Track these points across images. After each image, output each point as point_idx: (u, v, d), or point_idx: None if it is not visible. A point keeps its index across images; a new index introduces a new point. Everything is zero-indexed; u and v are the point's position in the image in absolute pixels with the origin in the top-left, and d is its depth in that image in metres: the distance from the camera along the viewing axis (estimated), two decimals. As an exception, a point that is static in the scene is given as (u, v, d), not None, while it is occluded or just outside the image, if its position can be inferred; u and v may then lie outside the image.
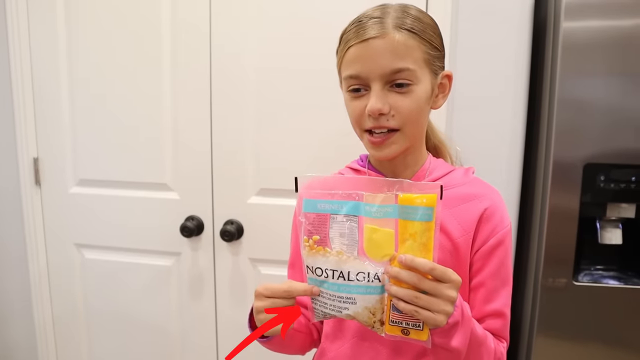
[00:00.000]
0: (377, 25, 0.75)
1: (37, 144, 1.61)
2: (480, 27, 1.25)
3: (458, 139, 1.28)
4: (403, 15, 0.77)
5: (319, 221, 0.69)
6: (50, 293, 1.69)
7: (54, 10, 1.51)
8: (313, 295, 0.69)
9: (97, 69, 1.50)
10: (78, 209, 1.60)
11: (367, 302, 0.67)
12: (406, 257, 0.63)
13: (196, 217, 1.49)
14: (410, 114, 0.77)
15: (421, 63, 0.77)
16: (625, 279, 1.21)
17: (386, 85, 0.76)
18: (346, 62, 0.79)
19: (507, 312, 0.82)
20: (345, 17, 0.82)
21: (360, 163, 0.92)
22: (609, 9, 1.10)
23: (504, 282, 0.82)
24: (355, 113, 0.80)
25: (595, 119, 1.14)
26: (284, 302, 0.71)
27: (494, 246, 0.81)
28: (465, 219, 0.82)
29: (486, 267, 0.82)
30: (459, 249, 0.81)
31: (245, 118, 1.42)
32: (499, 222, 0.82)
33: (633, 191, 1.15)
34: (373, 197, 0.66)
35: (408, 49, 0.75)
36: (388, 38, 0.75)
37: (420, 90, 0.78)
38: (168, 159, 1.50)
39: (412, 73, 0.76)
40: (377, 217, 0.66)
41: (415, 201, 0.63)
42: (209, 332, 1.56)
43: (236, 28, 1.38)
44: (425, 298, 0.63)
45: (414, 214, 0.63)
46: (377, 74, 0.75)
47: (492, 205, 0.82)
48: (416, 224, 0.64)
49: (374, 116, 0.76)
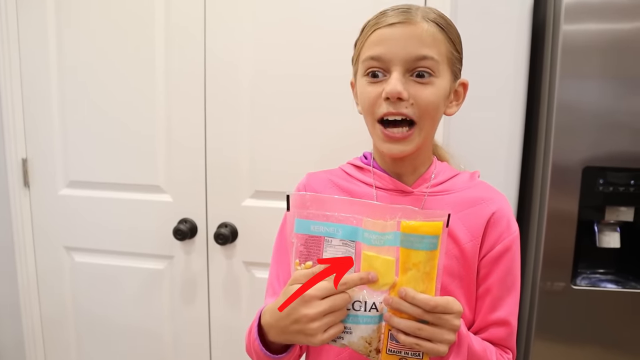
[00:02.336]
0: (405, 14, 0.74)
1: (26, 145, 1.57)
2: (479, 29, 1.24)
3: (456, 142, 1.27)
4: (430, 11, 0.76)
5: (312, 243, 0.65)
6: (39, 296, 1.65)
7: (44, 9, 1.47)
8: (370, 281, 0.62)
9: (89, 69, 1.47)
10: (68, 211, 1.57)
11: (364, 331, 0.64)
12: (407, 293, 0.60)
13: (189, 220, 1.46)
14: (429, 106, 0.75)
15: (444, 58, 0.75)
16: (623, 282, 1.21)
17: (407, 73, 0.74)
18: (368, 44, 0.76)
19: (512, 321, 0.80)
20: (340, 23, 0.80)
21: (364, 161, 0.89)
22: (609, 12, 1.10)
23: (510, 290, 0.81)
24: (371, 98, 0.76)
25: (594, 122, 1.13)
26: (340, 302, 0.62)
27: (501, 253, 0.80)
28: (473, 223, 0.80)
29: (492, 275, 0.80)
30: (467, 255, 0.79)
31: (239, 120, 1.39)
32: (506, 228, 0.80)
33: (632, 195, 1.15)
34: (373, 224, 0.62)
35: (435, 40, 0.74)
36: (417, 26, 0.73)
37: (441, 85, 0.76)
38: (161, 160, 1.47)
39: (435, 64, 0.74)
40: (376, 244, 0.62)
41: (420, 229, 0.60)
42: (202, 336, 1.53)
43: (230, 31, 1.36)
44: (428, 329, 0.61)
45: (419, 243, 0.60)
46: (400, 58, 0.73)
47: (499, 210, 0.81)
48: (420, 254, 0.60)
49: (393, 99, 0.73)
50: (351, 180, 0.87)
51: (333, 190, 0.87)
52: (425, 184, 0.83)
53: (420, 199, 0.82)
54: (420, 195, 0.82)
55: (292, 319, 0.62)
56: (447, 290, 0.78)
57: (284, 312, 0.63)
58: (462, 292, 0.80)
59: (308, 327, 0.61)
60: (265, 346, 0.71)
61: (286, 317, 0.63)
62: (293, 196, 0.66)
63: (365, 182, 0.85)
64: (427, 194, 0.82)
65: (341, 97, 0.88)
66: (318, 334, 0.61)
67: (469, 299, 0.81)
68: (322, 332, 0.62)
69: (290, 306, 0.62)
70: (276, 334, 0.67)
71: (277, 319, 0.65)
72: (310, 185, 0.89)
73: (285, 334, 0.65)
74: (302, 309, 0.61)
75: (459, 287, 0.79)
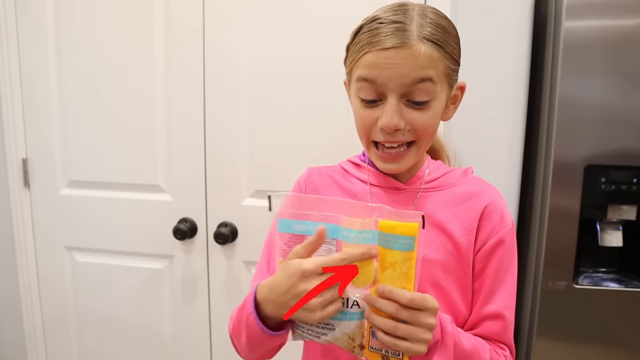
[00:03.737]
0: (400, 33, 0.69)
1: (26, 145, 1.57)
2: (480, 26, 1.23)
3: (458, 140, 1.26)
4: (426, 23, 0.71)
5: (294, 242, 0.66)
6: (40, 296, 1.66)
7: (43, 9, 1.47)
8: (372, 257, 0.62)
9: (88, 69, 1.47)
10: (68, 211, 1.57)
11: (346, 328, 0.66)
12: (384, 288, 0.62)
13: (189, 220, 1.46)
14: (427, 130, 0.74)
15: (442, 76, 0.73)
16: (625, 281, 1.20)
17: (403, 98, 0.71)
18: (361, 65, 0.72)
19: (506, 314, 0.79)
20: (339, 22, 0.79)
21: (362, 158, 0.89)
22: (610, 8, 1.09)
23: (502, 283, 0.80)
24: (366, 124, 0.75)
25: (596, 120, 1.12)
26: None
27: (494, 246, 0.79)
28: (467, 217, 0.80)
29: (486, 269, 0.80)
30: (461, 250, 0.79)
31: (239, 120, 1.39)
32: (498, 222, 0.80)
33: (634, 193, 1.14)
34: (351, 222, 0.63)
35: (432, 62, 0.70)
36: (412, 50, 0.69)
37: (437, 105, 0.74)
38: (161, 160, 1.46)
39: (432, 85, 0.71)
40: (355, 242, 0.63)
41: (395, 229, 0.60)
42: (203, 335, 1.53)
43: (230, 30, 1.36)
44: (404, 328, 0.62)
45: (394, 243, 0.61)
46: (396, 83, 0.70)
47: (492, 203, 0.80)
48: (396, 253, 0.61)
49: (389, 132, 0.72)
50: (347, 177, 0.88)
51: (331, 186, 0.88)
52: (419, 181, 0.83)
53: (414, 195, 0.82)
54: (414, 192, 0.82)
55: (292, 294, 0.62)
56: (441, 286, 0.78)
57: (283, 288, 0.63)
58: (456, 288, 0.79)
59: (308, 303, 0.62)
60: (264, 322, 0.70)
61: (286, 292, 0.63)
62: (274, 196, 0.66)
63: (360, 179, 0.86)
64: (420, 190, 0.82)
65: (341, 96, 0.87)
66: (317, 310, 0.62)
67: (464, 294, 0.80)
68: (322, 308, 0.62)
69: (290, 282, 0.62)
70: (274, 309, 0.67)
71: (277, 294, 0.65)
72: (311, 180, 0.90)
73: (284, 309, 0.65)
74: (302, 284, 0.62)
75: (453, 282, 0.79)
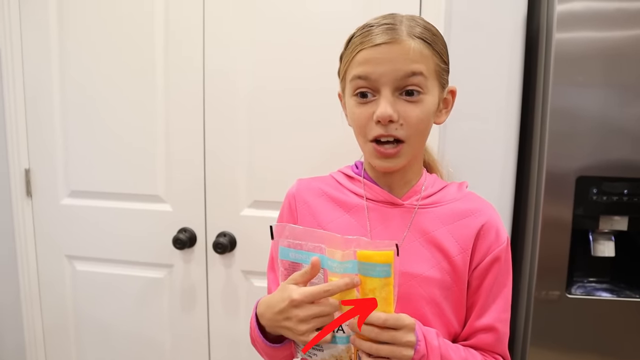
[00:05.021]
0: (391, 31, 0.73)
1: (29, 155, 1.59)
2: (473, 39, 1.26)
3: (452, 151, 1.28)
4: (415, 24, 0.75)
5: (293, 268, 0.71)
6: (40, 305, 1.67)
7: (46, 21, 1.50)
8: (355, 286, 0.67)
9: (90, 82, 1.50)
10: (69, 221, 1.59)
11: (334, 350, 0.71)
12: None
13: (189, 229, 1.48)
14: (419, 124, 0.76)
15: (432, 73, 0.75)
16: (618, 291, 1.21)
17: (396, 92, 0.74)
18: (355, 64, 0.76)
19: (499, 327, 0.81)
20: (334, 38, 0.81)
21: (356, 170, 0.89)
22: (601, 21, 1.10)
23: (496, 297, 0.81)
24: (361, 120, 0.77)
25: (587, 131, 1.14)
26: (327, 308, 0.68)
27: (490, 264, 0.81)
28: (462, 235, 0.81)
29: (482, 285, 0.81)
30: (457, 268, 0.80)
31: (237, 132, 1.41)
32: (494, 240, 0.81)
33: (625, 204, 1.15)
34: (333, 253, 0.68)
35: (422, 57, 0.74)
36: (403, 45, 0.73)
37: (429, 101, 0.76)
38: (161, 170, 1.49)
39: (424, 80, 0.74)
40: (338, 272, 0.68)
41: (372, 258, 0.65)
42: (202, 344, 1.54)
43: (229, 46, 1.38)
44: (385, 349, 0.65)
45: (372, 271, 0.65)
46: (389, 78, 0.73)
47: (488, 221, 0.82)
48: (375, 280, 0.65)
49: (384, 122, 0.74)
50: (341, 190, 0.88)
51: (322, 199, 0.88)
52: (416, 196, 0.84)
53: (411, 211, 0.83)
54: (411, 208, 0.83)
55: (284, 316, 0.69)
56: (436, 302, 0.79)
57: (277, 309, 0.69)
58: (451, 304, 0.81)
59: (297, 327, 0.67)
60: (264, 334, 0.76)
61: (279, 312, 0.69)
62: (275, 227, 0.72)
63: (355, 193, 0.86)
64: (417, 206, 0.83)
65: (335, 109, 0.89)
66: (305, 334, 0.67)
67: (458, 310, 0.82)
68: (310, 333, 0.68)
69: (283, 305, 0.68)
70: (268, 325, 0.73)
71: (272, 313, 0.71)
72: (300, 193, 0.90)
73: (276, 328, 0.72)
74: (292, 310, 0.67)
75: (448, 299, 0.80)
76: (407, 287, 0.79)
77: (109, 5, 1.45)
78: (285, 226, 0.72)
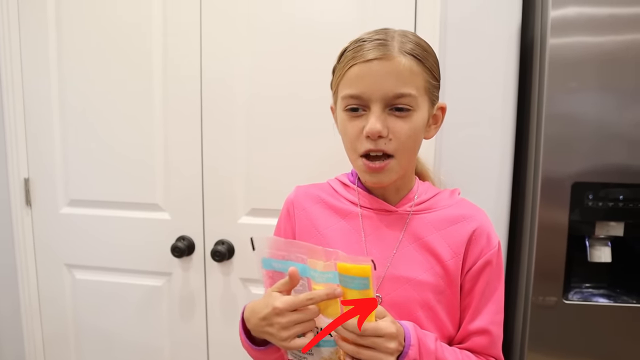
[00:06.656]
0: (382, 47, 0.74)
1: (28, 165, 1.60)
2: (469, 47, 1.26)
3: (449, 158, 1.29)
4: (407, 40, 0.76)
5: (276, 277, 0.73)
6: (40, 314, 1.68)
7: (45, 29, 1.51)
8: (336, 297, 0.69)
9: (89, 91, 1.51)
10: (69, 230, 1.60)
11: (323, 353, 0.74)
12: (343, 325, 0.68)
13: (187, 238, 1.48)
14: (407, 140, 0.77)
15: (422, 91, 0.77)
16: (614, 297, 1.21)
17: (386, 108, 0.75)
18: (346, 81, 0.77)
19: (493, 329, 0.82)
20: (332, 47, 0.82)
21: (351, 178, 0.91)
22: (594, 26, 1.11)
23: (488, 300, 0.83)
24: (352, 134, 0.78)
25: (582, 137, 1.14)
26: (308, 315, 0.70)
27: (482, 267, 0.82)
28: (455, 240, 0.82)
29: (474, 289, 0.83)
30: (449, 272, 0.81)
31: (235, 140, 1.42)
32: (486, 244, 0.83)
33: (621, 210, 1.16)
34: (315, 264, 0.70)
35: (412, 75, 0.75)
36: (394, 61, 0.74)
37: (419, 117, 0.77)
38: (159, 179, 1.50)
39: (413, 99, 0.75)
40: (319, 281, 0.70)
41: (351, 271, 0.66)
42: (200, 352, 1.55)
43: (226, 55, 1.39)
44: (367, 353, 0.67)
45: (351, 283, 0.67)
46: (379, 95, 0.74)
47: (480, 227, 0.83)
48: (354, 292, 0.67)
49: (373, 138, 0.75)
50: (337, 197, 0.89)
51: (319, 206, 0.90)
52: (409, 203, 0.85)
53: (405, 218, 0.84)
54: (404, 214, 0.85)
55: (267, 322, 0.71)
56: (430, 306, 0.81)
57: (261, 314, 0.71)
58: (444, 308, 0.82)
59: (279, 333, 0.69)
60: (250, 337, 0.79)
61: (262, 318, 0.71)
62: (256, 239, 0.74)
63: (350, 201, 0.88)
64: (411, 212, 0.84)
65: (331, 117, 0.90)
66: (287, 340, 0.70)
67: (452, 314, 0.83)
68: (291, 339, 0.70)
69: (266, 312, 0.70)
70: (253, 329, 0.76)
71: (256, 318, 0.73)
72: (298, 200, 0.92)
73: (260, 333, 0.74)
74: (275, 317, 0.69)
75: (442, 302, 0.82)
76: (401, 292, 0.80)
77: (108, 15, 1.46)
78: (267, 238, 0.75)
